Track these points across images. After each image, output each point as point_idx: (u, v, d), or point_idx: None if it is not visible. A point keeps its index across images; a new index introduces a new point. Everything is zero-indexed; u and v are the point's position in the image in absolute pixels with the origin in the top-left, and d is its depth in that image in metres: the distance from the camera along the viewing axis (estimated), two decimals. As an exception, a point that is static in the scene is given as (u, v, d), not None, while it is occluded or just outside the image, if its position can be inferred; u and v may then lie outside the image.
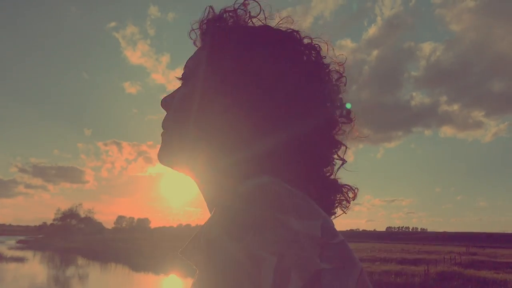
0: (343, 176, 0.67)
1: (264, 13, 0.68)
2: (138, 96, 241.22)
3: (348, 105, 0.67)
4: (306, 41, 0.67)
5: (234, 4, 0.68)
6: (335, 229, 0.49)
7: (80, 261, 39.44)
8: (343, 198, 0.66)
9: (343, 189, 0.66)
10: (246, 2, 0.68)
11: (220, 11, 0.68)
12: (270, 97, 0.59)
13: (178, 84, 0.70)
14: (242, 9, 0.67)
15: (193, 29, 0.71)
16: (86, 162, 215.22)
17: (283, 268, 0.42)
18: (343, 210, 0.66)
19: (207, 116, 0.63)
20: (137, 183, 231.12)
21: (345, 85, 0.67)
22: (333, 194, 0.65)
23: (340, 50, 0.66)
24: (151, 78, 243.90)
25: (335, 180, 0.66)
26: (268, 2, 0.68)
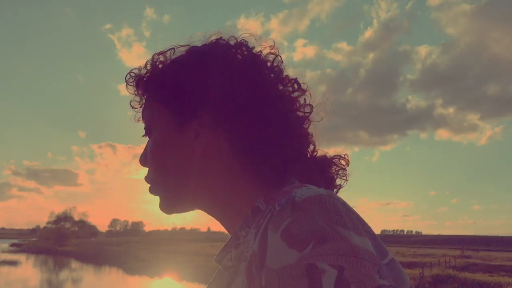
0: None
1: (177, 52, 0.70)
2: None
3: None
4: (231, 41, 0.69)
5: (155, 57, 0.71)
6: (384, 246, 0.51)
7: (74, 264, 39.20)
8: (338, 168, 0.68)
9: (334, 160, 0.68)
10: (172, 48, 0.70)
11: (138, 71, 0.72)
12: (227, 114, 0.62)
13: None
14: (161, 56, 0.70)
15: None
16: (80, 165, 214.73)
17: (343, 281, 0.42)
18: (344, 179, 0.68)
19: (183, 153, 0.65)
20: (131, 186, 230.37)
21: (281, 63, 0.69)
22: (329, 168, 0.67)
23: (336, 52, 0.69)
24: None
25: (324, 156, 0.68)
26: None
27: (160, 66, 0.70)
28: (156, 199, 0.68)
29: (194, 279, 23.24)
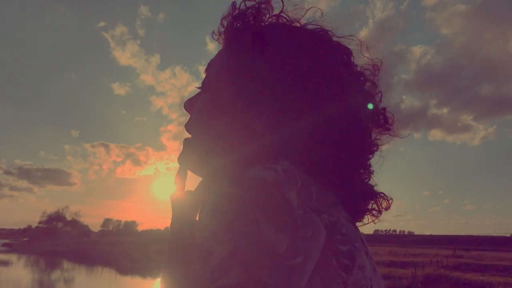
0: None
1: (286, 12, 0.66)
2: (127, 98, 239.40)
3: (370, 106, 0.64)
4: (335, 39, 0.65)
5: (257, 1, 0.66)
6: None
7: (66, 264, 38.96)
8: (375, 206, 0.64)
9: (377, 197, 0.64)
10: None
11: (242, 8, 0.66)
12: (297, 106, 0.58)
13: (166, 85, 0.71)
14: (264, 6, 0.66)
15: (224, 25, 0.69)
16: (73, 164, 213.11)
17: (229, 261, 0.43)
18: (372, 220, 0.64)
19: (229, 125, 0.63)
20: (124, 186, 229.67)
21: (376, 87, 0.66)
22: (364, 201, 0.63)
23: None
24: (140, 79, 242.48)
25: (370, 186, 0.64)
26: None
27: (265, 24, 0.65)
28: (148, 199, 0.67)
29: (187, 279, 23.03)
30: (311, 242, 0.46)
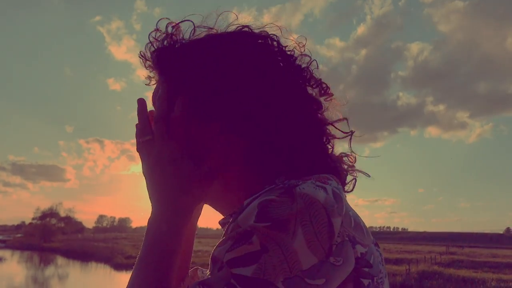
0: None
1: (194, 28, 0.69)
2: (122, 93, 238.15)
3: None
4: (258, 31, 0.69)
5: (171, 30, 0.69)
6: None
7: (60, 261, 38.87)
8: (346, 165, 0.70)
9: (342, 159, 0.70)
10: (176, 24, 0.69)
11: (164, 32, 0.69)
12: (249, 105, 0.63)
13: None
14: (175, 32, 0.69)
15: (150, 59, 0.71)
16: (67, 160, 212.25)
17: (252, 258, 0.48)
18: (352, 175, 0.69)
19: (205, 143, 0.65)
20: (119, 182, 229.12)
21: (308, 59, 0.69)
22: (339, 165, 0.69)
23: (328, 48, 0.72)
24: (136, 74, 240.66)
25: (333, 154, 0.69)
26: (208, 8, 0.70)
27: (178, 45, 0.68)
28: (143, 196, 0.67)
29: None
30: (338, 269, 0.50)
